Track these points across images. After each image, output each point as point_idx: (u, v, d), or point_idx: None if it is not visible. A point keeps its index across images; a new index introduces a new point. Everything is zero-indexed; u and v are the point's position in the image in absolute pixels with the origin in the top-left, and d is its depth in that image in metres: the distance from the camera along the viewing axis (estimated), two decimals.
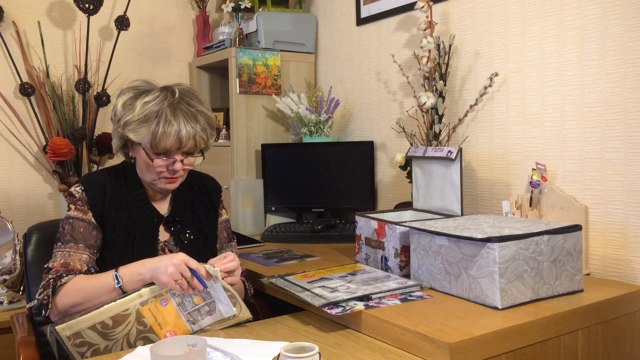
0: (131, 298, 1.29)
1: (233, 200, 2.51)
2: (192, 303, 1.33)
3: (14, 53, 2.50)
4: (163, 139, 1.37)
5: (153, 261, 1.31)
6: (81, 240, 1.40)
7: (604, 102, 1.65)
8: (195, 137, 1.41)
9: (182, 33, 3.01)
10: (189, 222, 1.54)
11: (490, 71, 1.95)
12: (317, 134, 2.55)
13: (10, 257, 2.18)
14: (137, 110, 1.38)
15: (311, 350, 1.06)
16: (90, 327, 1.26)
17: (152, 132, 1.37)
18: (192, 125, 1.40)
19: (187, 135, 1.39)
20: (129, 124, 1.39)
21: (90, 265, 1.40)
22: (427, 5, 2.00)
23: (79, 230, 1.41)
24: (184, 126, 1.38)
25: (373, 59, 2.49)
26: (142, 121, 1.38)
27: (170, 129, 1.37)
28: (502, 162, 1.95)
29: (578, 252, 1.44)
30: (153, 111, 1.38)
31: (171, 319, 1.31)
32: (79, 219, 1.42)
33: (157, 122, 1.37)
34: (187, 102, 1.43)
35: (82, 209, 1.43)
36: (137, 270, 1.31)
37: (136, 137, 1.39)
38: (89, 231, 1.41)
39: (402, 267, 1.65)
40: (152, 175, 1.44)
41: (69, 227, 1.41)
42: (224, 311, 1.35)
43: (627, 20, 1.59)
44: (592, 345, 1.36)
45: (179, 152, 1.41)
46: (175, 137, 1.38)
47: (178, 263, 1.27)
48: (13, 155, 2.57)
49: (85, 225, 1.41)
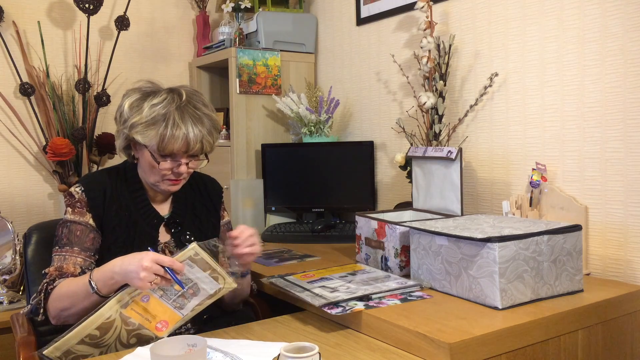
0: (110, 305, 1.25)
1: (233, 200, 2.51)
2: (173, 291, 1.31)
3: (14, 53, 2.50)
4: (171, 142, 1.37)
5: (123, 263, 1.25)
6: (77, 244, 1.40)
7: (604, 102, 1.65)
8: (202, 141, 1.41)
9: (182, 33, 3.01)
10: (189, 223, 1.53)
11: (490, 71, 1.95)
12: (317, 134, 2.55)
13: (10, 257, 2.18)
14: (145, 112, 1.38)
15: (311, 350, 1.06)
16: (79, 343, 1.25)
17: (160, 135, 1.37)
18: (199, 128, 1.39)
19: (194, 139, 1.38)
20: (136, 126, 1.38)
21: (85, 268, 1.39)
22: (427, 5, 2.00)
23: (76, 234, 1.40)
24: (191, 129, 1.38)
25: (373, 59, 2.49)
26: (150, 123, 1.37)
27: (178, 132, 1.37)
28: (502, 162, 1.95)
29: (578, 252, 1.44)
30: (161, 114, 1.37)
31: (158, 311, 1.30)
32: (76, 222, 1.41)
33: (165, 125, 1.36)
34: (194, 105, 1.42)
35: (80, 211, 1.42)
36: (108, 275, 1.27)
37: (143, 140, 1.39)
38: (85, 234, 1.41)
39: (402, 267, 1.65)
40: (155, 177, 1.44)
41: (66, 230, 1.41)
42: (209, 288, 1.33)
43: (627, 20, 1.59)
44: (592, 345, 1.36)
45: (185, 155, 1.41)
46: (183, 141, 1.38)
47: (149, 266, 1.22)
48: (13, 155, 2.57)
49: (82, 229, 1.41)
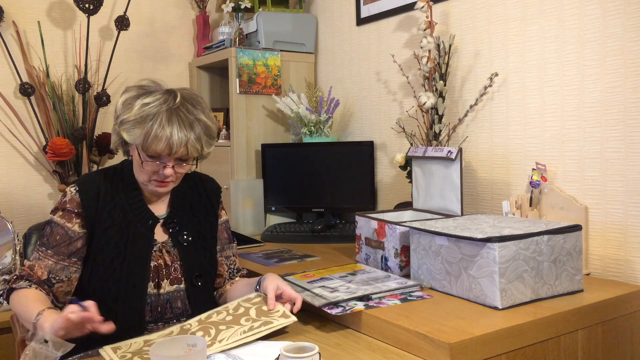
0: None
1: (233, 200, 2.51)
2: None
3: (14, 53, 2.50)
4: (154, 142, 1.35)
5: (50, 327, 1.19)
6: (52, 247, 1.40)
7: (604, 102, 1.65)
8: (187, 145, 1.37)
9: (182, 33, 3.01)
10: (187, 223, 1.53)
11: (490, 71, 1.95)
12: (317, 134, 2.55)
13: (10, 257, 2.18)
14: (135, 110, 1.37)
15: (311, 350, 1.06)
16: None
17: (144, 135, 1.35)
18: (185, 132, 1.36)
19: (178, 142, 1.36)
20: (125, 123, 1.38)
21: (54, 273, 1.40)
22: (427, 5, 2.00)
23: (55, 238, 1.41)
24: (176, 132, 1.35)
25: (373, 59, 2.49)
26: (137, 122, 1.36)
27: (162, 134, 1.35)
28: (502, 162, 1.95)
29: (578, 252, 1.44)
30: (149, 113, 1.36)
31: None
32: (60, 225, 1.41)
33: (151, 125, 1.35)
34: (187, 108, 1.40)
35: (68, 216, 1.42)
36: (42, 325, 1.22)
37: (128, 137, 1.38)
38: (64, 239, 1.41)
39: (402, 267, 1.65)
40: (143, 177, 1.43)
41: (49, 229, 1.43)
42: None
43: (627, 20, 1.59)
44: (592, 345, 1.36)
45: (170, 158, 1.39)
46: (165, 143, 1.35)
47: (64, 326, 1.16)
48: (13, 155, 2.57)
49: (63, 234, 1.41)
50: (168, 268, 1.46)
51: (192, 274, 1.48)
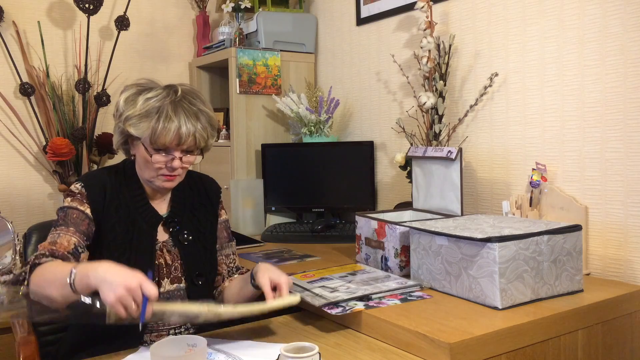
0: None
1: (233, 200, 2.51)
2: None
3: (14, 53, 2.50)
4: (163, 134, 1.37)
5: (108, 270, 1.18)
6: (72, 225, 1.39)
7: (604, 102, 1.65)
8: (195, 135, 1.41)
9: (182, 33, 3.01)
10: (187, 222, 1.54)
11: (490, 71, 1.95)
12: (317, 134, 2.55)
13: (10, 257, 2.18)
14: (139, 105, 1.39)
15: (311, 350, 1.06)
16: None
17: (152, 127, 1.37)
18: (192, 122, 1.40)
19: (187, 132, 1.39)
20: (130, 119, 1.39)
21: (78, 245, 1.38)
22: (427, 5, 2.00)
23: (72, 217, 1.40)
24: (184, 123, 1.39)
25: (373, 59, 2.49)
26: (143, 116, 1.38)
27: (170, 125, 1.37)
28: (502, 162, 1.95)
29: (578, 252, 1.44)
30: (154, 107, 1.38)
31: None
32: (74, 208, 1.41)
33: (158, 118, 1.37)
34: (189, 100, 1.43)
35: (80, 201, 1.42)
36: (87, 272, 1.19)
37: (136, 132, 1.39)
38: (81, 219, 1.40)
39: (402, 267, 1.65)
40: (150, 173, 1.44)
41: (63, 214, 1.42)
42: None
43: (627, 20, 1.59)
44: (592, 345, 1.36)
45: (178, 149, 1.41)
46: (175, 133, 1.38)
47: (133, 287, 1.13)
48: (13, 155, 2.57)
49: (79, 214, 1.41)
50: (168, 267, 1.46)
51: (193, 273, 1.48)
